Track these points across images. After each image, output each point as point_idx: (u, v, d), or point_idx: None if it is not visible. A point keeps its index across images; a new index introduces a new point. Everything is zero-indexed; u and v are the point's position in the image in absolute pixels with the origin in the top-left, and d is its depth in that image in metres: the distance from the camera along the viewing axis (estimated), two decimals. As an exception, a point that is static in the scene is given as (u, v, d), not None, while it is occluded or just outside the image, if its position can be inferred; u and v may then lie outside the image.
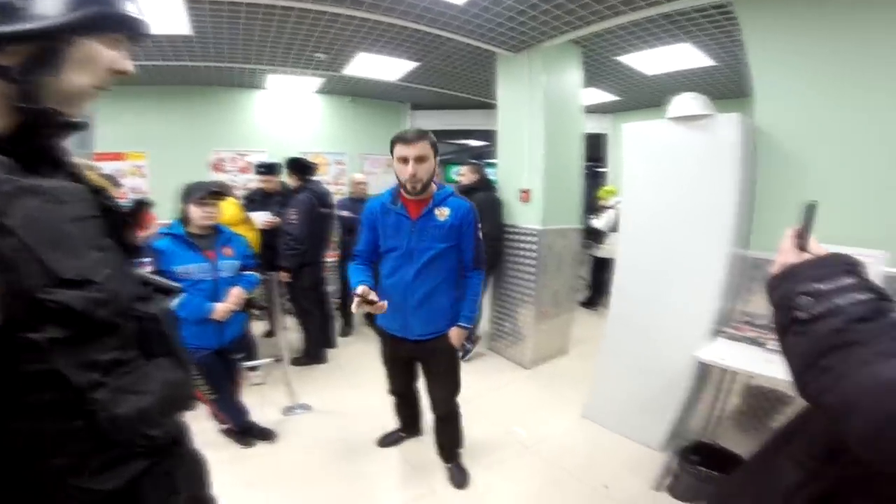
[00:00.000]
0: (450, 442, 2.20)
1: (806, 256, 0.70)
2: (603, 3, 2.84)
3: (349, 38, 3.66)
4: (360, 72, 4.53)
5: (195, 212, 2.06)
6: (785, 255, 0.73)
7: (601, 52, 3.87)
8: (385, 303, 1.62)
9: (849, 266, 0.64)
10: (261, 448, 2.45)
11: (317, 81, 5.03)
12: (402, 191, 1.83)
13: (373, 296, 1.56)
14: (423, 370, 2.07)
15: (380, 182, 5.79)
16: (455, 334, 1.91)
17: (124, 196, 3.20)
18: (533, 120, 3.60)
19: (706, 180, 2.25)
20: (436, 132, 6.83)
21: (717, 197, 2.22)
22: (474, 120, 6.30)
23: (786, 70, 2.22)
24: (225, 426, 2.40)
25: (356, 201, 4.14)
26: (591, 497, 2.11)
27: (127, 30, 0.64)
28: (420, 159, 1.72)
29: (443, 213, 1.83)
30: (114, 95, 4.47)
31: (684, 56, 3.78)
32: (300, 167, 3.44)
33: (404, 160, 1.73)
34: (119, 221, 0.70)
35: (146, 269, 1.77)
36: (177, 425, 0.76)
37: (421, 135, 1.73)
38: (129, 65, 0.66)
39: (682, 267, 2.33)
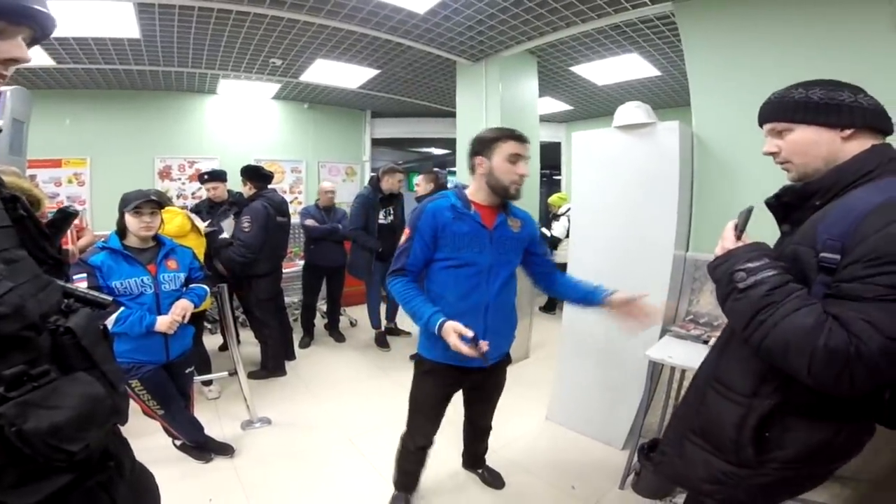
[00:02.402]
0: (484, 450, 2.21)
1: (740, 244, 0.97)
2: (556, 15, 2.95)
3: (307, 45, 3.61)
4: (319, 79, 4.48)
5: (132, 223, 1.94)
6: (726, 241, 0.99)
7: (555, 62, 4.01)
8: (486, 344, 1.39)
9: (766, 251, 0.93)
10: (219, 462, 2.34)
11: (273, 87, 4.92)
12: (472, 194, 1.60)
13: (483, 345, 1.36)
14: (473, 394, 1.90)
15: (338, 191, 5.70)
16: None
17: (58, 206, 3.01)
18: (489, 127, 3.67)
19: (649, 186, 2.37)
20: (396, 140, 6.83)
21: (660, 202, 2.33)
22: (435, 128, 6.35)
23: (721, 80, 2.38)
24: (180, 441, 2.30)
25: (323, 210, 4.07)
26: (559, 498, 2.12)
27: (6, 16, 0.62)
28: (527, 161, 1.55)
29: (515, 224, 1.64)
30: (51, 97, 4.25)
31: (632, 66, 3.97)
32: (257, 175, 3.34)
33: (517, 158, 1.51)
34: (37, 231, 0.69)
35: (80, 283, 1.64)
36: (108, 439, 0.74)
37: (526, 137, 1.57)
38: (17, 51, 0.63)
39: (630, 270, 2.42)
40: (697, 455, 1.05)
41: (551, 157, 6.44)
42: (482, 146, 1.55)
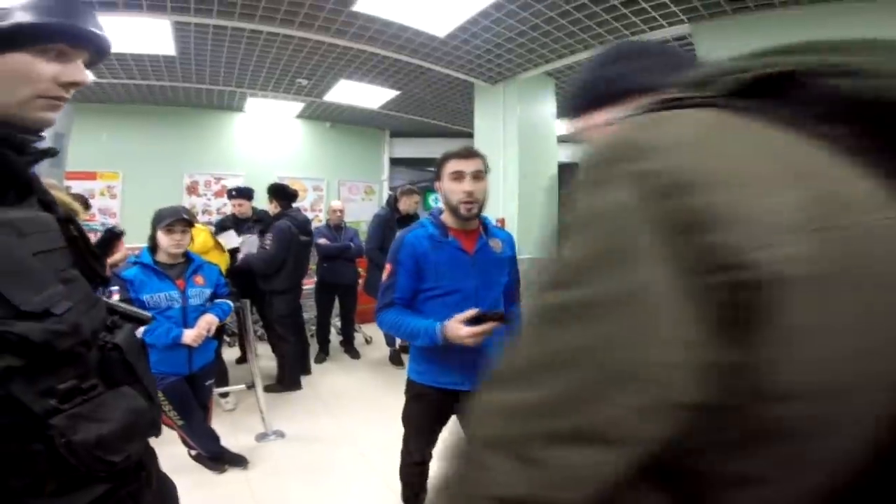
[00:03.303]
0: None
1: None
2: (574, 38, 3.01)
3: (331, 66, 3.74)
4: (342, 98, 4.61)
5: (164, 240, 2.02)
6: None
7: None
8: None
9: None
10: (232, 474, 2.35)
11: (297, 106, 5.08)
12: (447, 220, 1.57)
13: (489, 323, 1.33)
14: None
15: (357, 210, 5.79)
16: None
17: (93, 218, 3.13)
18: (507, 148, 3.72)
19: None
20: (414, 160, 6.92)
21: None
22: (452, 148, 6.42)
23: None
24: (195, 452, 2.32)
25: (334, 229, 4.15)
26: None
27: (68, 40, 0.64)
28: (477, 176, 1.50)
29: (497, 245, 1.61)
30: (88, 113, 4.45)
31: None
32: (283, 194, 3.43)
33: (459, 176, 1.48)
34: (87, 251, 0.72)
35: (115, 297, 1.74)
36: (143, 450, 0.76)
37: (475, 151, 1.54)
38: (79, 75, 0.66)
39: None
40: None
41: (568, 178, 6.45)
42: (437, 170, 1.55)
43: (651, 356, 0.29)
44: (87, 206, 3.10)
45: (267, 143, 5.54)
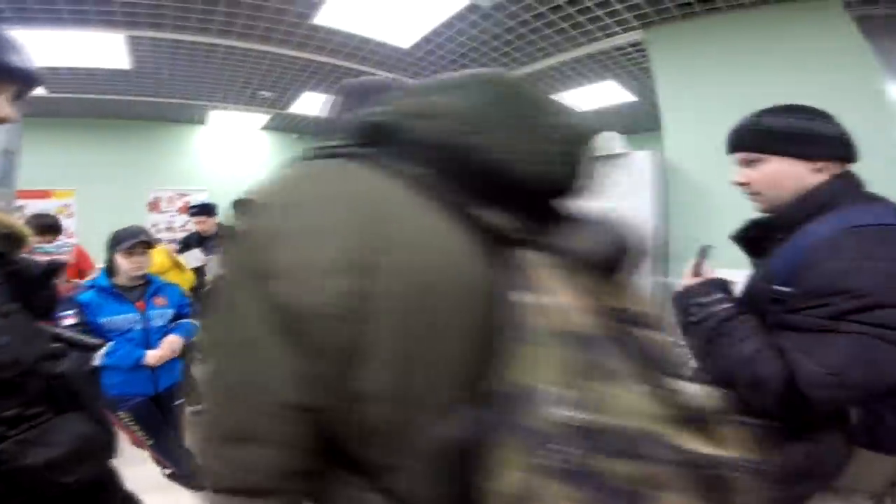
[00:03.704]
0: None
1: (698, 280, 0.99)
2: (534, 46, 3.09)
3: (294, 78, 3.71)
4: (308, 110, 4.57)
5: (124, 263, 1.98)
6: (685, 278, 1.02)
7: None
8: None
9: (722, 285, 0.95)
10: (208, 494, 2.29)
11: (262, 118, 5.00)
12: None
13: None
14: None
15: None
16: None
17: (53, 240, 3.00)
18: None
19: (626, 214, 2.42)
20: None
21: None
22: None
23: (692, 104, 2.46)
24: (169, 471, 2.27)
25: None
26: None
27: None
28: None
29: None
30: (40, 128, 4.27)
31: (609, 93, 4.14)
32: (249, 208, 3.36)
33: None
34: (27, 281, 0.76)
35: (68, 321, 1.73)
36: (102, 470, 0.80)
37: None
38: (4, 111, 0.68)
39: None
40: None
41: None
42: None
43: (261, 372, 0.39)
44: (55, 230, 2.93)
45: (232, 157, 5.43)
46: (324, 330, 0.37)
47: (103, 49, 3.04)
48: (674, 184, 2.52)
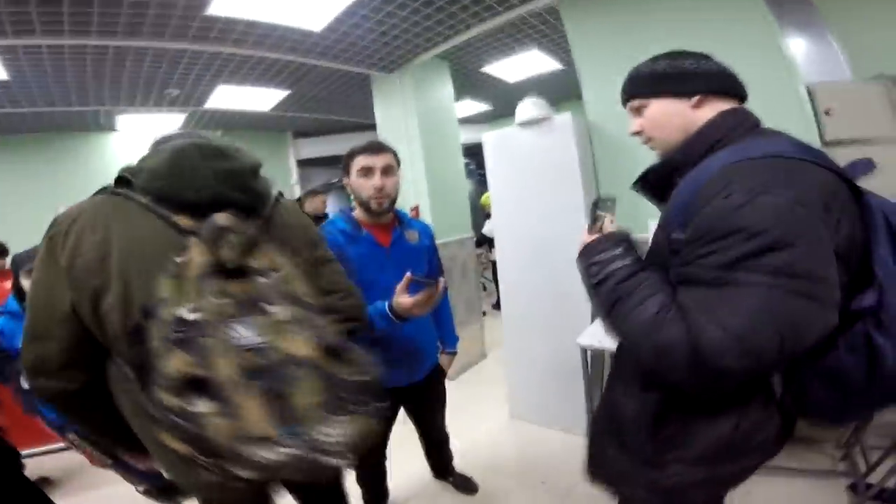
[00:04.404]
0: (448, 459, 2.19)
1: (595, 236, 0.91)
2: (455, 19, 2.95)
3: (202, 72, 3.40)
4: (225, 104, 4.24)
5: (28, 285, 1.80)
6: (582, 236, 0.95)
7: (467, 63, 4.02)
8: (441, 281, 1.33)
9: (620, 240, 0.87)
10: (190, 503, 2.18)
11: (178, 118, 4.61)
12: (359, 215, 1.55)
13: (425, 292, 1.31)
14: (415, 408, 1.85)
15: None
16: (446, 361, 1.82)
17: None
18: (411, 136, 3.64)
19: (554, 178, 2.46)
20: (323, 159, 6.57)
21: (566, 192, 2.41)
22: (360, 143, 6.20)
23: (607, 67, 2.47)
24: (142, 487, 2.14)
25: None
26: (531, 496, 2.12)
27: None
28: (387, 171, 1.50)
29: (413, 236, 1.61)
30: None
31: (536, 61, 4.06)
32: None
33: (368, 171, 1.48)
34: None
35: None
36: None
37: (385, 146, 1.53)
38: None
39: (550, 259, 2.50)
40: (612, 454, 0.96)
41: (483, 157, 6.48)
42: (344, 165, 1.55)
43: (52, 297, 0.78)
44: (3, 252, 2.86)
45: (152, 162, 5.00)
46: (86, 276, 0.76)
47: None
48: (598, 142, 2.58)
